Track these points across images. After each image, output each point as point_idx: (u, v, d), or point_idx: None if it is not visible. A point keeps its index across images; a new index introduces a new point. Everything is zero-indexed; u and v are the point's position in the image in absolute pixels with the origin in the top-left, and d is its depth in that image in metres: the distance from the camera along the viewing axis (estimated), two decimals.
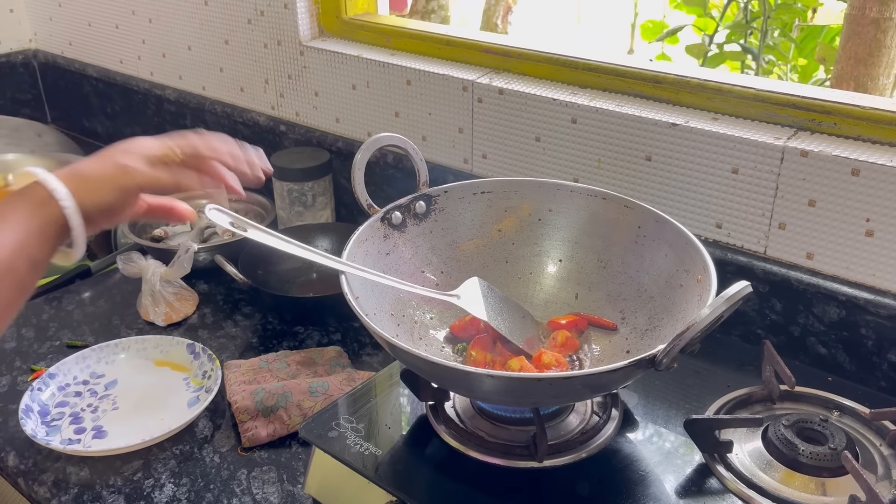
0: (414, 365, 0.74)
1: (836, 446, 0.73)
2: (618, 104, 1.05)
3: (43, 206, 0.65)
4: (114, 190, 0.69)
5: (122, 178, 0.70)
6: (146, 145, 0.73)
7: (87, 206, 0.67)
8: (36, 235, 0.64)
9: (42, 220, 0.65)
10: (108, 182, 0.69)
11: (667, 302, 0.83)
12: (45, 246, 0.66)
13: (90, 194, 0.68)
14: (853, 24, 1.61)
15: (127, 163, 0.70)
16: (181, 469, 0.90)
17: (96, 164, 0.70)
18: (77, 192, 0.67)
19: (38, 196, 0.66)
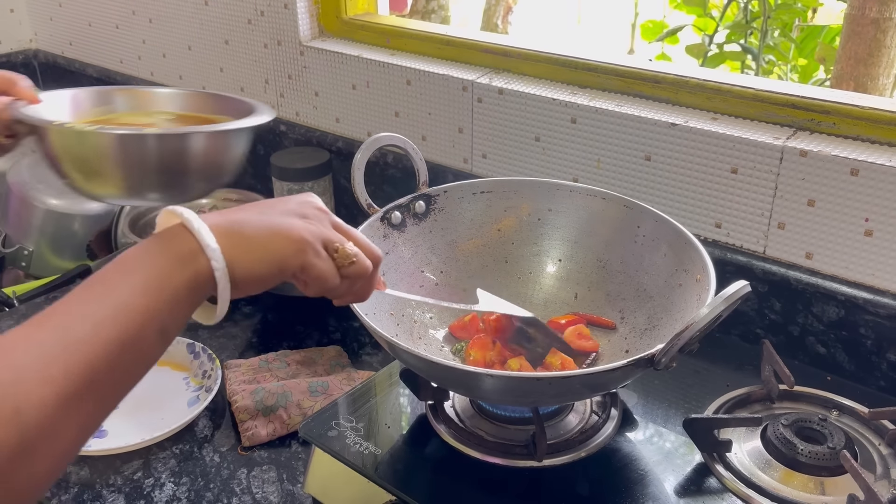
0: (413, 364, 0.74)
1: (834, 446, 0.74)
2: (617, 104, 1.05)
3: (187, 263, 0.53)
4: (273, 264, 0.56)
5: (287, 253, 0.57)
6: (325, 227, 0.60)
7: (238, 271, 0.55)
8: (172, 300, 0.52)
9: (184, 280, 0.52)
10: (271, 252, 0.56)
11: (666, 301, 0.83)
12: (181, 313, 0.53)
13: (246, 259, 0.55)
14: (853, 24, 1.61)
15: (302, 236, 0.57)
16: (181, 468, 0.90)
17: (262, 223, 0.57)
18: (230, 253, 0.54)
19: (184, 248, 0.53)
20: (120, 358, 0.49)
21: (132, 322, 0.50)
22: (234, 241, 0.55)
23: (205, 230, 0.54)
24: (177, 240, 0.54)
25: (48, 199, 1.43)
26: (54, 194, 1.43)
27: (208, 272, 0.53)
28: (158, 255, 0.53)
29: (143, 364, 0.52)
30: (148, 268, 0.52)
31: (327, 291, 0.61)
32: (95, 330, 0.48)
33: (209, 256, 0.53)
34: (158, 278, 0.52)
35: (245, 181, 1.56)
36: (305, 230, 0.58)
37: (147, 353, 0.52)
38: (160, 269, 0.52)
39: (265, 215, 0.58)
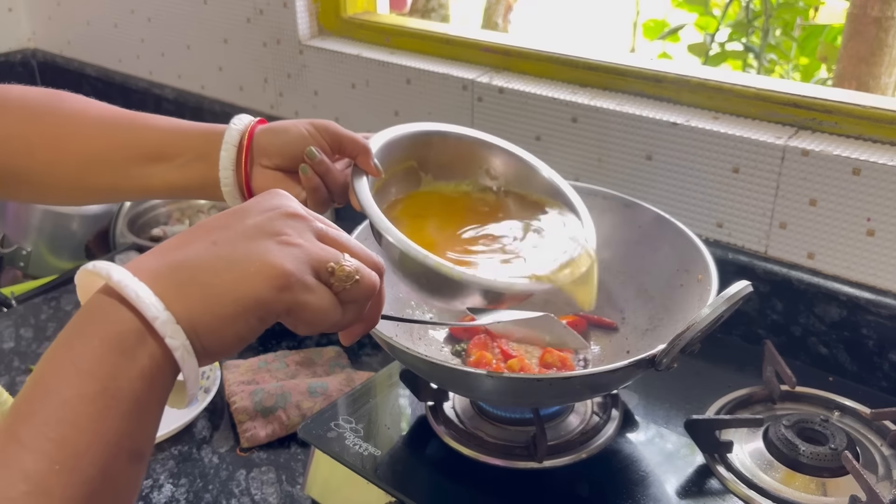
0: (413, 365, 0.74)
1: (836, 446, 0.73)
2: (618, 103, 1.04)
3: (133, 351, 0.38)
4: (249, 316, 0.42)
5: (266, 297, 0.42)
6: (309, 244, 0.45)
7: (205, 339, 0.41)
8: (132, 410, 0.38)
9: (136, 378, 0.38)
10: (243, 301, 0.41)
11: (667, 302, 0.83)
12: (149, 420, 0.40)
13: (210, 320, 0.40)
14: (855, 23, 1.61)
15: (282, 267, 0.42)
16: (180, 469, 0.89)
17: (221, 261, 0.42)
18: (188, 317, 0.40)
19: (122, 329, 0.38)
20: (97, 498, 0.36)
21: (91, 465, 0.36)
22: (189, 297, 0.40)
23: (144, 293, 0.39)
24: (109, 319, 0.38)
25: None
26: None
27: (165, 354, 0.39)
28: (93, 352, 0.38)
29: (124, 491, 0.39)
30: (85, 379, 0.37)
31: (328, 328, 0.47)
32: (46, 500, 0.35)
33: (161, 333, 0.39)
34: (105, 388, 0.37)
35: None
36: (284, 258, 0.42)
37: (123, 492, 0.39)
38: (102, 374, 0.37)
39: (219, 245, 0.42)
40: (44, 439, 0.35)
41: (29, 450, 0.35)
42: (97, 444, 0.36)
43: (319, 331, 0.47)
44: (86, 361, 0.37)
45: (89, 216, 1.43)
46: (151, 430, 0.40)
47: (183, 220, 1.45)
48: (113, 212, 1.44)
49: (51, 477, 0.35)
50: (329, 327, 0.47)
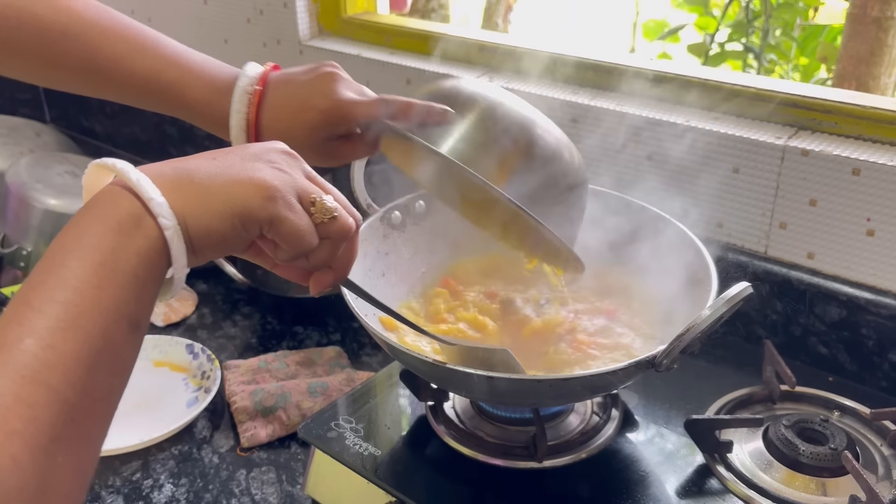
0: (413, 365, 0.74)
1: (836, 446, 0.73)
2: (618, 103, 1.04)
3: (131, 231, 0.43)
4: (235, 217, 0.47)
5: (253, 203, 0.47)
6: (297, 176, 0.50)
7: (193, 229, 0.46)
8: (130, 283, 0.43)
9: (134, 254, 0.43)
10: (232, 203, 0.46)
11: (667, 302, 0.82)
12: (146, 294, 0.44)
13: (201, 213, 0.46)
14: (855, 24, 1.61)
15: (271, 182, 0.48)
16: (180, 469, 0.89)
17: (220, 170, 0.47)
18: (182, 208, 0.45)
19: (122, 213, 0.44)
20: (90, 374, 0.40)
21: (92, 325, 0.40)
22: (186, 192, 0.45)
23: (145, 182, 0.44)
24: (112, 204, 0.44)
25: (47, 200, 1.42)
26: (53, 194, 1.43)
27: (159, 235, 0.44)
28: (97, 230, 0.43)
29: (119, 369, 0.43)
30: (89, 250, 0.42)
31: (303, 255, 0.51)
32: (50, 353, 0.39)
33: (155, 213, 0.44)
34: (104, 261, 0.42)
35: None
36: (274, 177, 0.48)
37: (120, 354, 0.43)
38: (103, 247, 0.42)
39: (220, 161, 0.48)
40: (50, 301, 0.40)
41: (37, 310, 0.40)
42: (97, 308, 0.41)
43: (296, 256, 0.51)
44: (89, 238, 0.42)
45: None
46: (147, 305, 0.45)
47: None
48: None
49: (56, 333, 0.39)
50: (303, 252, 0.51)
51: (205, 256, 0.48)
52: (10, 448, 0.36)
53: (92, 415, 0.41)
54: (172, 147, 1.70)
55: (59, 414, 0.38)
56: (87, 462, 0.41)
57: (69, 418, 0.39)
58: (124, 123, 1.79)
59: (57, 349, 0.39)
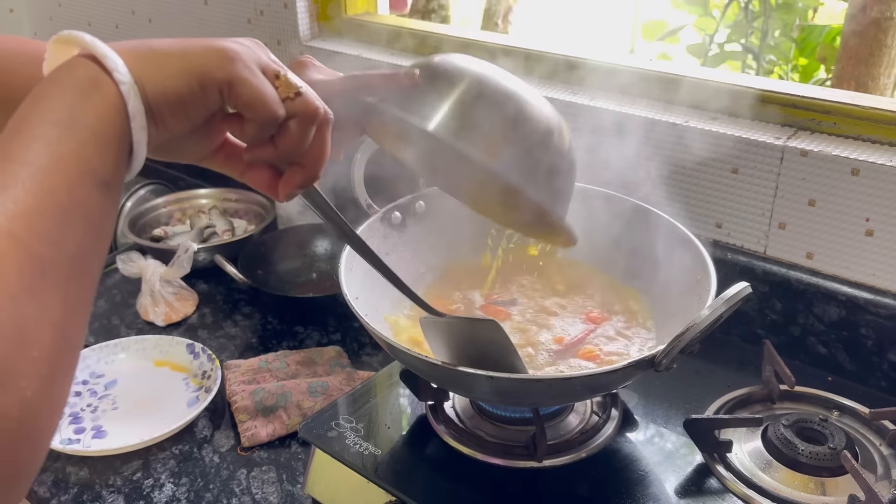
0: (413, 365, 0.74)
1: (835, 446, 0.73)
2: (618, 103, 1.05)
3: (94, 89, 0.44)
4: (192, 76, 0.47)
5: (210, 63, 0.47)
6: (260, 52, 0.51)
7: (150, 89, 0.46)
8: (92, 140, 0.43)
9: (94, 112, 0.44)
10: (188, 62, 0.47)
11: (666, 302, 0.83)
12: (110, 153, 0.44)
13: (157, 73, 0.46)
14: (854, 24, 1.61)
15: (229, 46, 0.48)
16: (181, 469, 0.90)
17: (179, 41, 0.48)
18: (138, 69, 0.46)
19: (85, 74, 0.45)
20: (57, 230, 0.40)
21: (54, 182, 0.41)
22: (142, 56, 0.46)
23: (101, 44, 0.45)
24: (71, 70, 0.45)
25: None
26: None
27: (116, 93, 0.45)
28: (54, 93, 0.44)
29: (93, 229, 0.43)
30: (46, 114, 0.43)
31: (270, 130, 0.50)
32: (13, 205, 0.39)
33: (110, 69, 0.44)
34: (61, 121, 0.43)
35: None
36: (236, 46, 0.48)
37: (91, 214, 0.43)
38: (60, 109, 0.43)
39: (184, 40, 0.48)
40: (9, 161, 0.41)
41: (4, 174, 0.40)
42: (57, 164, 0.41)
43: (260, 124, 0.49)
44: (47, 102, 0.43)
45: None
46: (112, 163, 0.44)
47: (184, 220, 1.45)
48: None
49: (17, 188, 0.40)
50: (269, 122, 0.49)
51: (165, 123, 0.48)
52: None
53: (63, 270, 0.41)
54: None
55: (26, 264, 0.38)
56: (67, 320, 0.41)
57: (38, 271, 0.39)
58: None
59: (19, 202, 0.39)
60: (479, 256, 0.94)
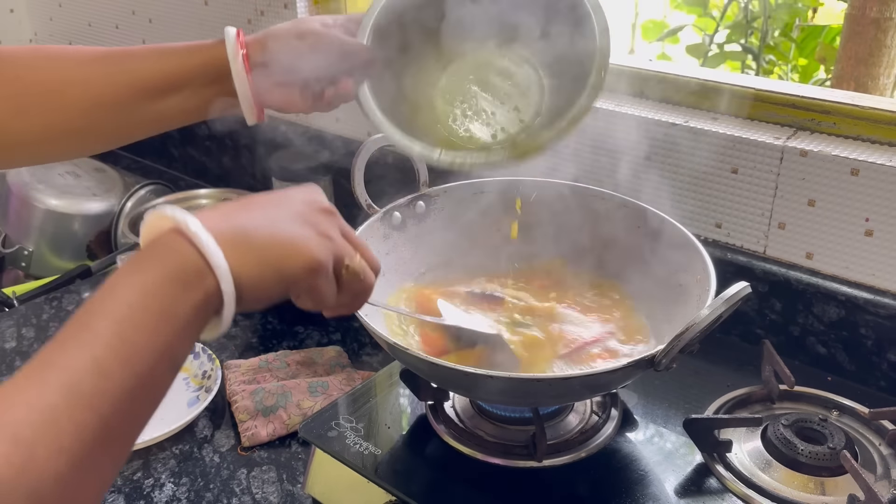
0: (413, 365, 0.74)
1: (835, 446, 0.73)
2: (617, 104, 1.05)
3: (194, 285, 0.47)
4: (282, 286, 0.51)
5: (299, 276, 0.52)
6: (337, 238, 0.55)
7: (246, 292, 0.49)
8: (181, 329, 0.46)
9: (191, 306, 0.46)
10: (282, 274, 0.51)
11: (666, 302, 0.83)
12: (189, 339, 0.48)
13: (255, 279, 0.49)
14: (853, 24, 1.61)
15: (317, 258, 0.52)
16: (181, 469, 0.90)
17: (272, 233, 0.51)
18: (239, 270, 0.48)
19: (188, 267, 0.47)
20: (132, 404, 0.44)
21: (144, 364, 0.44)
22: (243, 255, 0.49)
23: (212, 245, 0.47)
24: (177, 256, 0.47)
25: (48, 200, 1.43)
26: (54, 194, 1.43)
27: (217, 293, 0.48)
28: (161, 279, 0.46)
29: (156, 402, 0.47)
30: (153, 297, 0.45)
31: (320, 309, 0.57)
32: (106, 382, 0.42)
33: (218, 278, 0.47)
34: (165, 310, 0.45)
35: (245, 181, 1.56)
36: (319, 249, 0.52)
37: (159, 389, 0.47)
38: (166, 297, 0.46)
39: (272, 221, 0.52)
40: (111, 334, 0.44)
41: (99, 338, 0.43)
42: (151, 348, 0.44)
43: (313, 309, 0.57)
44: (152, 283, 0.46)
45: (91, 216, 1.44)
46: (189, 347, 0.49)
47: None
48: (115, 212, 1.45)
49: (112, 365, 0.43)
50: (323, 309, 0.57)
51: (244, 308, 0.51)
52: (55, 463, 0.39)
53: (124, 439, 0.45)
54: (173, 147, 1.70)
55: (101, 437, 0.42)
56: (109, 479, 0.45)
57: (107, 440, 0.42)
58: None
59: (111, 380, 0.42)
60: (479, 256, 0.94)
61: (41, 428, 0.40)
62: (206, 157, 1.64)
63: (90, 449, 0.41)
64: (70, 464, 0.40)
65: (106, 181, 1.51)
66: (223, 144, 1.58)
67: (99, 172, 1.53)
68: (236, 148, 1.56)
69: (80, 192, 1.46)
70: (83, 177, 1.49)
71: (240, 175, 1.58)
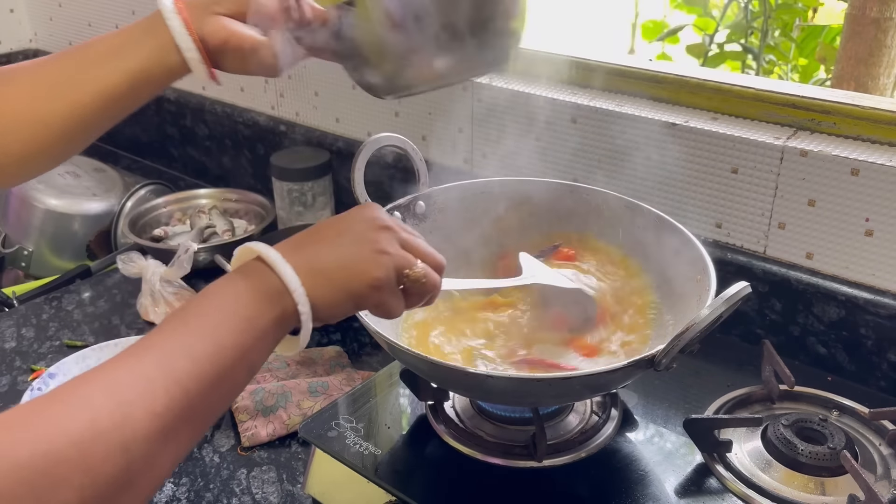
0: (413, 365, 0.74)
1: (835, 446, 0.73)
2: (618, 104, 1.05)
3: (275, 302, 0.55)
4: (351, 303, 0.59)
5: (366, 294, 0.59)
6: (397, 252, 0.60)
7: (320, 312, 0.57)
8: (261, 338, 0.54)
9: (272, 319, 0.54)
10: (351, 294, 0.58)
11: (666, 302, 0.83)
12: (266, 349, 0.56)
13: (328, 301, 0.57)
14: (854, 24, 1.61)
15: (380, 278, 0.59)
16: (181, 469, 0.90)
17: (340, 259, 0.59)
18: (313, 294, 0.56)
19: (270, 288, 0.55)
20: (213, 392, 0.51)
21: (227, 359, 0.51)
22: (317, 281, 0.56)
23: (289, 272, 0.55)
24: (262, 278, 0.55)
25: (48, 200, 1.43)
26: (54, 194, 1.43)
27: (294, 311, 0.55)
28: (248, 294, 0.54)
29: (231, 397, 0.54)
30: (241, 307, 0.54)
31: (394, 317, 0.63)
32: (195, 366, 0.49)
33: (296, 300, 0.55)
34: (250, 318, 0.53)
35: (245, 181, 1.56)
36: (382, 268, 0.59)
37: (236, 386, 0.54)
38: (251, 308, 0.54)
39: (339, 247, 0.59)
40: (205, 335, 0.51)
41: (196, 336, 0.51)
42: (235, 350, 0.52)
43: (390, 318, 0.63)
44: (244, 296, 0.54)
45: (91, 216, 1.44)
46: (264, 358, 0.56)
47: (184, 220, 1.45)
48: (114, 212, 1.45)
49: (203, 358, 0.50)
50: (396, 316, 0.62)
51: (320, 324, 0.58)
52: (148, 425, 0.46)
53: (202, 419, 0.51)
54: (173, 147, 1.70)
55: (186, 412, 0.48)
56: (184, 452, 0.50)
57: (190, 417, 0.49)
58: (126, 124, 1.78)
59: (199, 366, 0.50)
60: (479, 256, 0.94)
61: (140, 393, 0.46)
62: (206, 157, 1.64)
63: (176, 419, 0.47)
64: (159, 429, 0.46)
65: (106, 181, 1.51)
66: (223, 144, 1.58)
67: (99, 172, 1.53)
68: (236, 148, 1.56)
69: (80, 192, 1.46)
70: (83, 177, 1.50)
71: (240, 175, 1.58)
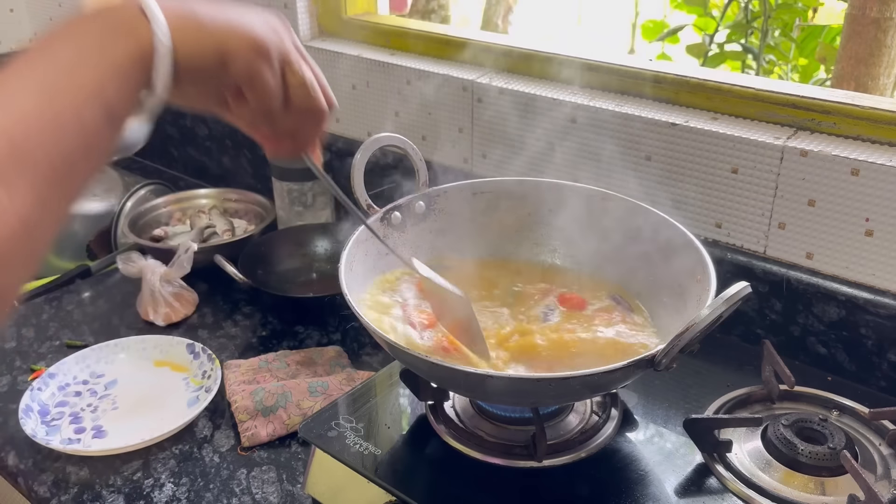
0: (413, 365, 0.74)
1: (835, 446, 0.73)
2: (618, 104, 1.05)
3: (129, 32, 0.48)
4: (219, 57, 0.51)
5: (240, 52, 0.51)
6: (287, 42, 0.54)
7: (181, 54, 0.50)
8: (113, 72, 0.47)
9: (125, 51, 0.47)
10: (222, 45, 0.51)
11: (666, 302, 0.83)
12: (125, 89, 0.48)
13: (192, 44, 0.50)
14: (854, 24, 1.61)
15: (263, 39, 0.52)
16: (181, 469, 0.90)
17: (221, 16, 0.52)
18: (177, 34, 0.49)
19: (126, 16, 0.48)
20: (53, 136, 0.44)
21: (66, 101, 0.45)
22: (185, 23, 0.50)
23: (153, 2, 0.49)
24: (119, 9, 0.49)
25: None
26: None
27: (150, 45, 0.48)
28: (99, 23, 0.48)
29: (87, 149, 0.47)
30: (86, 36, 0.47)
31: (266, 115, 0.55)
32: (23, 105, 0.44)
33: (153, 28, 0.48)
34: (102, 50, 0.47)
35: (245, 181, 1.56)
36: (267, 36, 0.52)
37: (90, 134, 0.47)
38: (101, 37, 0.47)
39: (229, 10, 0.52)
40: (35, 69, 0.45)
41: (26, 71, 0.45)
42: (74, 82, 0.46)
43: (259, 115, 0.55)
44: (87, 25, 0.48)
45: (91, 216, 1.43)
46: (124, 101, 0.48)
47: (184, 220, 1.45)
48: (114, 212, 1.44)
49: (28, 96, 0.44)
50: (268, 115, 0.55)
51: (180, 87, 0.51)
52: None
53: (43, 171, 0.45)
54: (173, 147, 1.70)
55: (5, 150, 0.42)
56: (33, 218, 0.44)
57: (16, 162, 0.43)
58: None
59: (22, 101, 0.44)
60: (479, 256, 0.94)
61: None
62: (206, 157, 1.64)
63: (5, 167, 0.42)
64: None
65: (106, 181, 1.51)
66: (223, 144, 1.58)
67: (99, 172, 1.53)
68: (236, 148, 1.56)
69: None
70: None
71: (240, 175, 1.58)
